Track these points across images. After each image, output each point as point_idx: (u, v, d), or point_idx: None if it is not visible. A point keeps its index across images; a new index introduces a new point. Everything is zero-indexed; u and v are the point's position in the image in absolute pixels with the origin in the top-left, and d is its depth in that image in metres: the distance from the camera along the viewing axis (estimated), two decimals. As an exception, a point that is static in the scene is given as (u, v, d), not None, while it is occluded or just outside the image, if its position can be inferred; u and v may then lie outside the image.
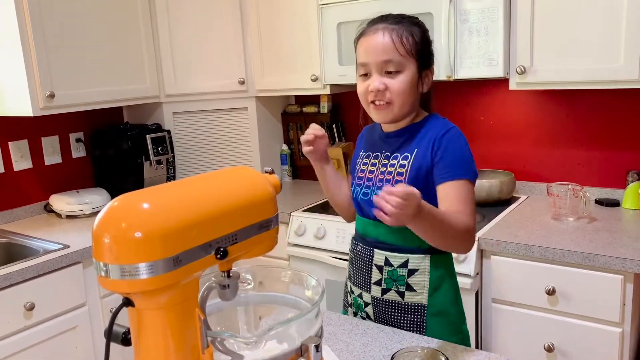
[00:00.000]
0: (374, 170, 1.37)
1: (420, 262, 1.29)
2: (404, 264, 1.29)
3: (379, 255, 1.32)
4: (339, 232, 2.25)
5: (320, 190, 2.85)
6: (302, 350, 0.86)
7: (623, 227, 1.96)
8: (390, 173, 1.32)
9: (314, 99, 2.93)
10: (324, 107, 2.88)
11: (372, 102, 1.31)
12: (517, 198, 2.40)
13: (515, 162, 2.49)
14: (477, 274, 1.96)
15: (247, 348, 0.85)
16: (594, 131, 2.29)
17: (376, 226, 1.32)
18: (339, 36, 2.38)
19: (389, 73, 1.27)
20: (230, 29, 2.70)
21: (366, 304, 1.36)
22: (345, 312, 1.46)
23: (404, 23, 1.29)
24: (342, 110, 2.94)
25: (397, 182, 1.30)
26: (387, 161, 1.35)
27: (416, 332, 1.30)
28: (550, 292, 1.82)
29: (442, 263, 1.32)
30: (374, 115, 1.34)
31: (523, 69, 2.01)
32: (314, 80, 2.52)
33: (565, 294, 1.81)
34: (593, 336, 1.79)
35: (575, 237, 1.88)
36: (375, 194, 1.18)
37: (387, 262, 1.31)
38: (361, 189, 1.38)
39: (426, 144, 1.30)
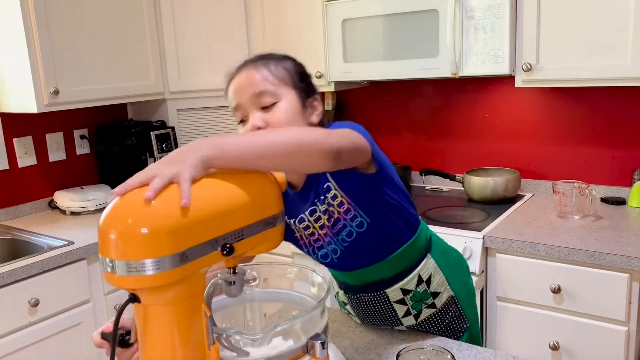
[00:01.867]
0: (314, 232, 1.19)
1: (427, 266, 1.21)
2: (419, 280, 1.20)
3: (394, 292, 1.20)
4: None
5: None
6: (307, 347, 0.86)
7: (629, 226, 1.95)
8: (336, 218, 1.14)
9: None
10: (329, 104, 2.87)
11: None
12: (523, 196, 2.40)
13: (521, 160, 2.48)
14: (482, 272, 1.95)
15: (253, 345, 0.84)
16: (600, 129, 2.28)
17: (370, 270, 1.19)
18: (344, 33, 2.37)
19: (265, 108, 1.11)
20: (235, 26, 2.70)
21: (399, 329, 1.29)
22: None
23: (273, 58, 1.17)
24: (347, 108, 2.93)
25: (351, 219, 1.13)
26: (325, 207, 1.14)
27: (461, 333, 1.26)
28: (556, 291, 1.82)
29: (440, 252, 1.25)
30: None
31: (529, 66, 2.00)
32: (319, 77, 2.51)
33: (570, 292, 1.81)
34: (599, 335, 1.78)
35: (581, 235, 1.87)
36: (331, 247, 1.11)
37: (405, 291, 1.20)
38: (316, 256, 1.22)
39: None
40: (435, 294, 1.23)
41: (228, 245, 0.81)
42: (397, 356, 1.03)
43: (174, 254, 0.74)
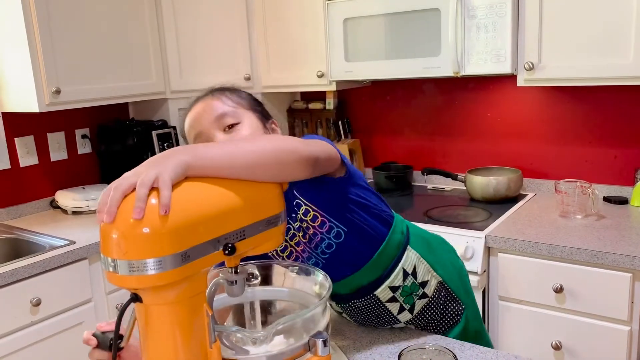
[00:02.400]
0: (292, 251, 1.19)
1: (410, 258, 1.21)
2: (405, 274, 1.20)
3: (383, 292, 1.20)
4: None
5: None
6: (309, 345, 0.86)
7: (632, 225, 1.94)
8: (313, 233, 1.14)
9: (320, 95, 2.93)
10: (330, 103, 2.87)
11: None
12: (525, 195, 2.39)
13: (523, 159, 2.48)
14: (484, 271, 1.95)
15: (255, 343, 0.84)
16: (603, 128, 2.28)
17: (355, 277, 1.18)
18: (345, 32, 2.37)
19: (230, 127, 1.13)
20: (236, 25, 2.69)
21: (398, 327, 1.30)
22: None
23: (226, 89, 1.20)
24: (348, 107, 2.93)
25: (327, 231, 1.13)
26: (290, 233, 1.15)
27: (458, 316, 1.27)
28: (558, 290, 1.81)
29: (420, 242, 1.24)
30: None
31: (531, 65, 2.00)
32: (320, 76, 2.51)
33: (573, 292, 1.80)
34: (601, 334, 1.78)
35: (583, 235, 1.86)
36: (312, 261, 1.10)
37: (394, 289, 1.20)
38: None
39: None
40: (424, 283, 1.23)
41: (230, 245, 0.81)
42: (399, 356, 1.03)
43: (176, 254, 0.74)
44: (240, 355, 0.84)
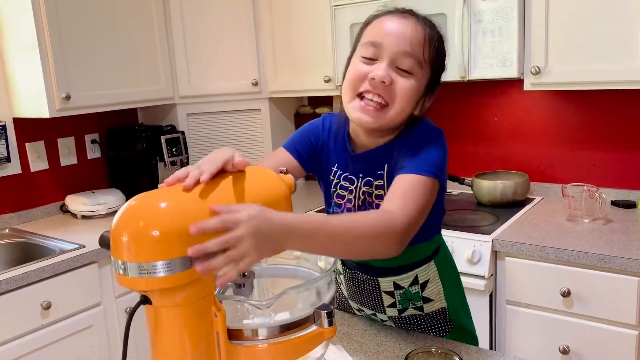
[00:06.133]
0: (352, 199, 1.18)
1: (428, 271, 1.20)
2: (414, 281, 1.19)
3: (386, 283, 1.20)
4: (352, 233, 2.24)
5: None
6: (314, 317, 0.86)
7: (639, 229, 1.94)
8: (369, 203, 1.14)
9: (327, 101, 2.94)
10: (337, 108, 2.88)
11: (363, 96, 1.06)
12: (532, 199, 2.39)
13: (530, 163, 2.47)
14: (491, 275, 1.95)
15: (260, 310, 0.84)
16: (610, 132, 2.27)
17: None
18: (352, 37, 2.37)
19: (400, 70, 1.04)
20: (244, 31, 2.71)
21: (383, 320, 1.29)
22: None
23: (440, 35, 1.09)
24: (355, 112, 2.93)
25: (377, 206, 1.13)
26: (365, 188, 1.15)
27: (442, 335, 1.26)
28: (566, 294, 1.81)
29: (443, 260, 1.23)
30: (359, 114, 1.06)
31: (537, 70, 2.00)
32: (327, 81, 2.53)
33: (580, 296, 1.80)
34: (609, 339, 1.77)
35: (591, 239, 1.86)
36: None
37: (397, 286, 1.20)
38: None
39: (397, 150, 1.09)
40: (427, 300, 1.22)
41: (238, 247, 0.82)
42: (406, 358, 1.04)
43: (185, 256, 0.75)
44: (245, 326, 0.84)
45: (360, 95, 1.06)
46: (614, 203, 2.23)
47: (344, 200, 1.20)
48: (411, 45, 1.03)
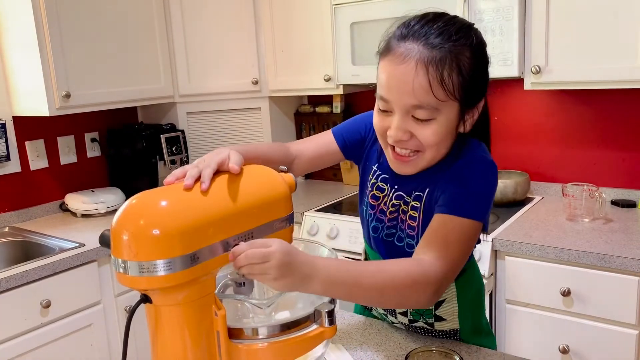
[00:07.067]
0: (387, 202, 1.13)
1: (446, 292, 1.15)
2: None
3: None
4: (352, 232, 2.24)
5: (333, 190, 2.84)
6: (315, 316, 0.86)
7: (639, 229, 1.94)
8: (402, 220, 1.10)
9: (327, 99, 2.94)
10: (337, 107, 2.88)
11: (393, 146, 1.01)
12: (532, 199, 2.39)
13: (530, 163, 2.47)
14: (491, 274, 1.95)
15: (260, 309, 0.84)
16: (610, 131, 2.27)
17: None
18: (353, 36, 2.38)
19: (417, 119, 0.95)
20: (244, 30, 2.71)
21: (394, 322, 1.28)
22: (367, 312, 1.40)
23: (450, 48, 0.92)
24: (355, 111, 2.93)
25: (409, 227, 1.10)
26: (396, 201, 1.11)
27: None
28: (565, 294, 1.81)
29: (467, 282, 1.17)
30: (395, 165, 1.03)
31: (538, 69, 2.00)
32: (327, 80, 2.52)
33: (580, 296, 1.80)
34: (609, 338, 1.77)
35: (591, 238, 1.86)
36: (383, 237, 1.08)
37: None
38: (372, 220, 1.17)
39: (442, 177, 1.03)
40: (440, 319, 1.19)
41: (238, 247, 0.82)
42: (406, 358, 1.04)
43: (185, 255, 0.75)
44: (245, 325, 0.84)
45: (392, 146, 1.02)
46: (614, 203, 2.23)
47: (378, 202, 1.15)
48: (415, 97, 0.92)
